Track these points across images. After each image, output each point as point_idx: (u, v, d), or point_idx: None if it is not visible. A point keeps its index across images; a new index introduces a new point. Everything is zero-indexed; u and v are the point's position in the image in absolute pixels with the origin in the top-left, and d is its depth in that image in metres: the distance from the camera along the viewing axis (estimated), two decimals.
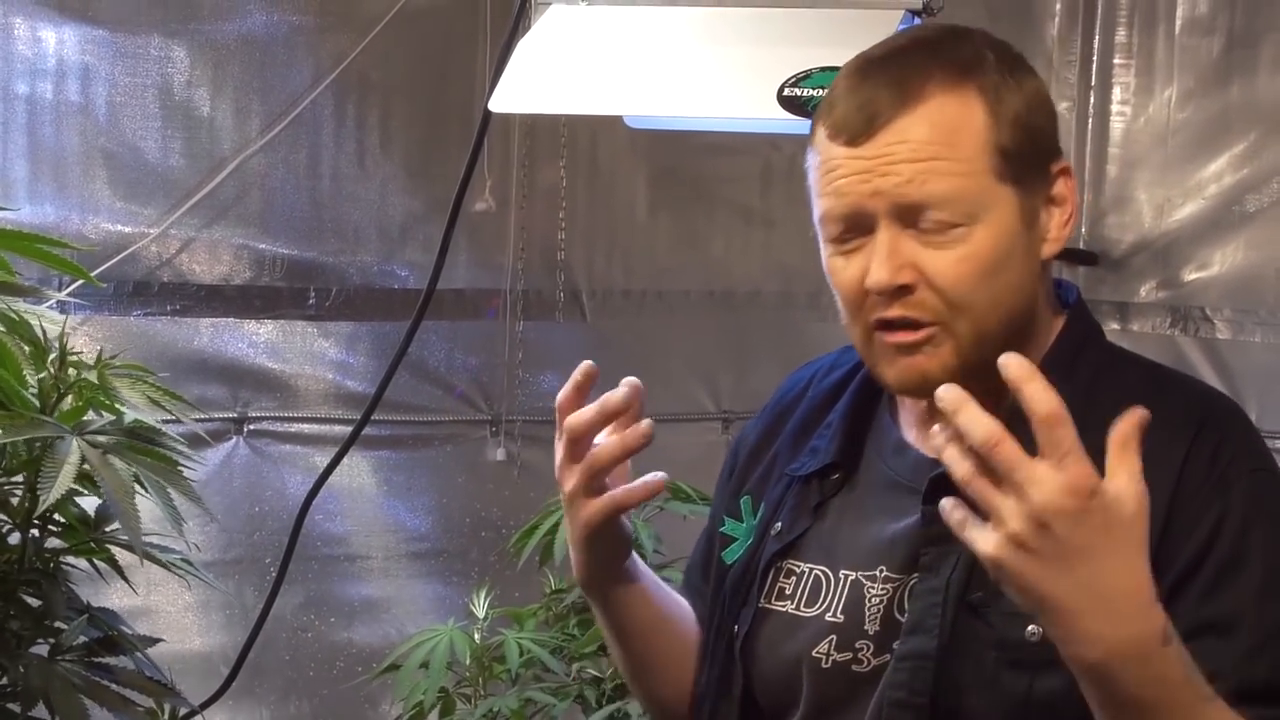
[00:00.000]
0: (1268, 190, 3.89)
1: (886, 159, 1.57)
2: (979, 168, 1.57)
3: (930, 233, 1.57)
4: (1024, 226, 1.60)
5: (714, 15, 2.47)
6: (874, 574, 1.65)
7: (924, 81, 1.58)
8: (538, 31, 2.49)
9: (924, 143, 1.56)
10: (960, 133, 1.57)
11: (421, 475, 4.00)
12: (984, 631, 1.57)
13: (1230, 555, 1.52)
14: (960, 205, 1.56)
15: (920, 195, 1.56)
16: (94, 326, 3.62)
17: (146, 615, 3.54)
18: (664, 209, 4.13)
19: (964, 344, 1.59)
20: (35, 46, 3.58)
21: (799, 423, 1.82)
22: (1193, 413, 1.60)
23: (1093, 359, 1.67)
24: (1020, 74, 1.62)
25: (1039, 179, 1.62)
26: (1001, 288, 1.59)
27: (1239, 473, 1.56)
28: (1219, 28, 3.97)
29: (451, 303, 3.91)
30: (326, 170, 3.85)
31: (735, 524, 1.83)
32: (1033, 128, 1.61)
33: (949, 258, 1.57)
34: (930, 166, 1.56)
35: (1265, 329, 3.91)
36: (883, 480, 1.71)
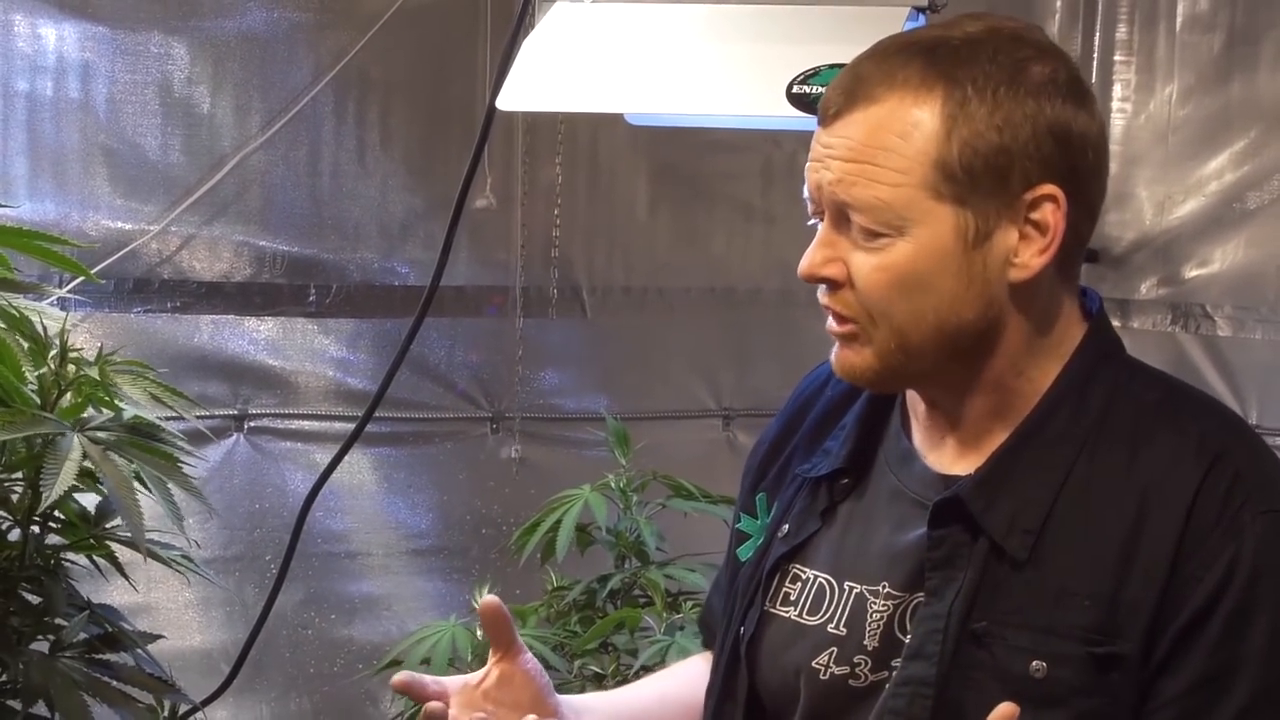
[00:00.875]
0: (1268, 187, 3.89)
1: (831, 150, 1.56)
2: (912, 181, 1.53)
3: (859, 235, 1.56)
4: (964, 247, 1.54)
5: (719, 12, 2.46)
6: (877, 589, 1.63)
7: (892, 77, 1.55)
8: (543, 29, 2.49)
9: (859, 145, 1.54)
10: (903, 138, 1.53)
11: (423, 472, 4.00)
12: (987, 661, 1.55)
13: (1237, 607, 1.50)
14: (881, 215, 1.54)
15: (844, 197, 1.55)
16: (94, 323, 3.62)
17: (147, 612, 3.54)
18: (665, 206, 4.13)
19: (883, 350, 1.58)
20: (35, 43, 3.58)
21: (815, 422, 1.79)
22: (1208, 444, 1.55)
23: (1108, 379, 1.62)
24: (1015, 90, 1.54)
25: (999, 202, 1.54)
26: (926, 305, 1.55)
27: (1253, 515, 1.52)
28: (1220, 25, 3.97)
29: (452, 300, 3.91)
30: (327, 167, 3.84)
31: (750, 521, 1.81)
32: (1001, 149, 1.53)
33: (868, 264, 1.56)
34: (859, 170, 1.54)
35: (1266, 326, 3.90)
36: (889, 490, 1.68)
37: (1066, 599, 1.53)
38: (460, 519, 4.00)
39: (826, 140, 1.57)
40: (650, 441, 3.30)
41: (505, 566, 3.48)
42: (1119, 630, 1.51)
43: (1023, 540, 1.55)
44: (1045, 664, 1.52)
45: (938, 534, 1.59)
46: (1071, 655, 1.52)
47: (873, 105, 1.54)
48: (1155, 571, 1.51)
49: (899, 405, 1.73)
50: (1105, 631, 1.51)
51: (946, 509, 1.59)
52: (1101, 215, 4.48)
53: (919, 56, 1.56)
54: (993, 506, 1.57)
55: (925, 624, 1.57)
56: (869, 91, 1.55)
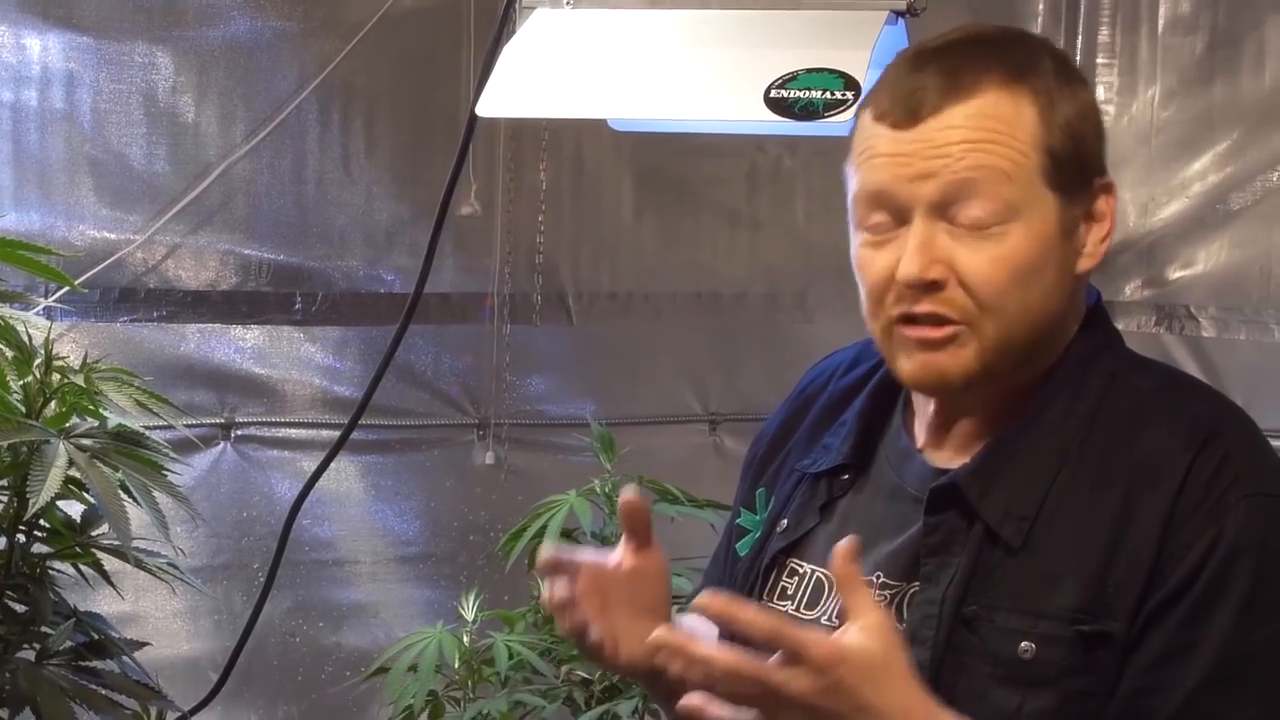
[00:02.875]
0: (1251, 188, 3.90)
1: (932, 144, 1.55)
2: (1028, 165, 1.56)
3: (967, 229, 1.55)
4: (1063, 236, 1.58)
5: (698, 18, 2.47)
6: (870, 580, 1.64)
7: (979, 75, 1.57)
8: (523, 35, 2.49)
9: (976, 128, 1.55)
10: (1015, 126, 1.56)
11: (409, 479, 4.00)
12: (977, 645, 1.56)
13: (1209, 586, 1.51)
14: (1005, 196, 1.54)
15: (971, 172, 1.54)
16: (80, 333, 3.62)
17: (135, 620, 3.54)
18: (650, 211, 4.13)
19: (987, 347, 1.58)
20: (19, 53, 3.58)
21: (816, 418, 1.80)
22: (1199, 427, 1.57)
23: (1105, 368, 1.64)
24: (1075, 84, 1.61)
25: (1082, 191, 1.60)
26: (1033, 296, 1.58)
27: (1237, 497, 1.53)
28: (1202, 26, 3.99)
29: (438, 307, 3.91)
30: (312, 175, 3.84)
31: (750, 516, 1.82)
32: (1081, 138, 1.59)
33: (983, 256, 1.55)
34: (984, 148, 1.55)
35: (1250, 327, 3.91)
36: (889, 486, 1.70)
37: (1055, 582, 1.55)
38: (447, 525, 4.00)
39: (919, 137, 1.56)
40: (636, 446, 3.30)
41: (492, 572, 3.48)
42: (1107, 610, 1.53)
43: (1018, 527, 1.57)
44: (1034, 645, 1.53)
45: (933, 520, 1.60)
46: (1059, 636, 1.53)
47: (974, 97, 1.56)
48: (1142, 552, 1.53)
49: (902, 402, 1.74)
50: (1093, 611, 1.53)
51: (943, 496, 1.61)
52: None
53: (986, 53, 1.59)
54: (989, 493, 1.59)
55: (921, 609, 1.59)
56: (960, 87, 1.56)
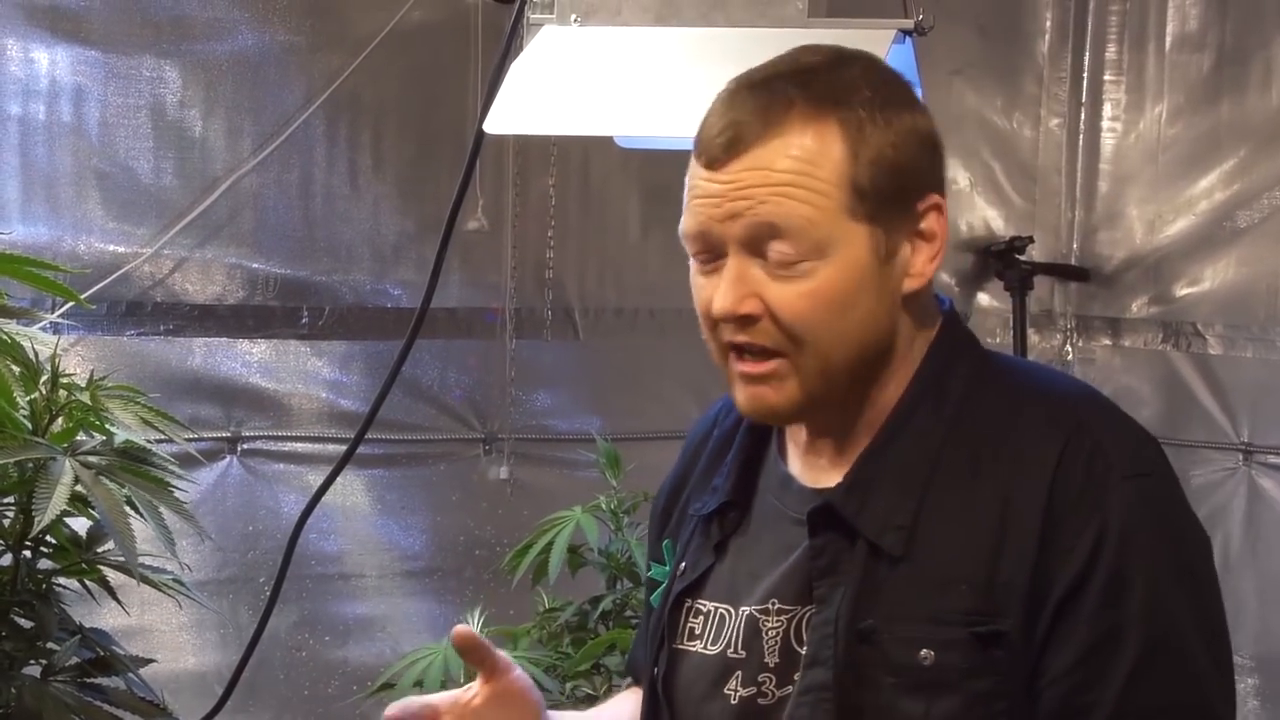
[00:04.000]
0: (1258, 206, 3.91)
1: (739, 185, 1.56)
2: (831, 203, 1.56)
3: (777, 266, 1.56)
4: (877, 264, 1.58)
5: (706, 35, 2.47)
6: (766, 607, 1.66)
7: (786, 111, 1.57)
8: (531, 52, 2.49)
9: (779, 170, 1.55)
10: (816, 165, 1.56)
11: (415, 494, 4.00)
12: (877, 658, 1.57)
13: (1111, 574, 1.52)
14: (808, 237, 1.55)
15: (771, 217, 1.55)
16: (87, 347, 3.63)
17: (141, 635, 3.54)
18: (656, 227, 4.14)
19: (808, 377, 1.59)
20: (28, 67, 3.59)
21: (706, 463, 1.82)
22: (1060, 421, 1.58)
23: (963, 374, 1.65)
24: (894, 110, 1.59)
25: (901, 216, 1.59)
26: (849, 324, 1.58)
27: (1115, 480, 1.55)
28: (1209, 44, 3.99)
29: (445, 322, 3.92)
30: (319, 190, 3.85)
31: (659, 568, 1.83)
32: (898, 167, 1.58)
33: (792, 292, 1.56)
34: (784, 192, 1.55)
35: (1256, 344, 3.92)
36: (772, 514, 1.71)
37: (946, 586, 1.55)
38: (453, 540, 4.00)
39: (726, 177, 1.57)
40: (642, 462, 3.30)
41: (498, 588, 3.48)
42: (998, 609, 1.54)
43: (897, 536, 1.58)
44: (932, 651, 1.54)
45: (817, 543, 1.61)
46: (956, 640, 1.54)
47: (774, 138, 1.56)
48: (1026, 546, 1.54)
49: (775, 434, 1.75)
50: (985, 611, 1.54)
51: (821, 517, 1.61)
52: (1092, 234, 4.50)
53: (796, 89, 1.58)
54: (865, 508, 1.60)
55: (818, 630, 1.60)
56: (765, 126, 1.57)
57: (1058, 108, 4.24)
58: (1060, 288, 4.25)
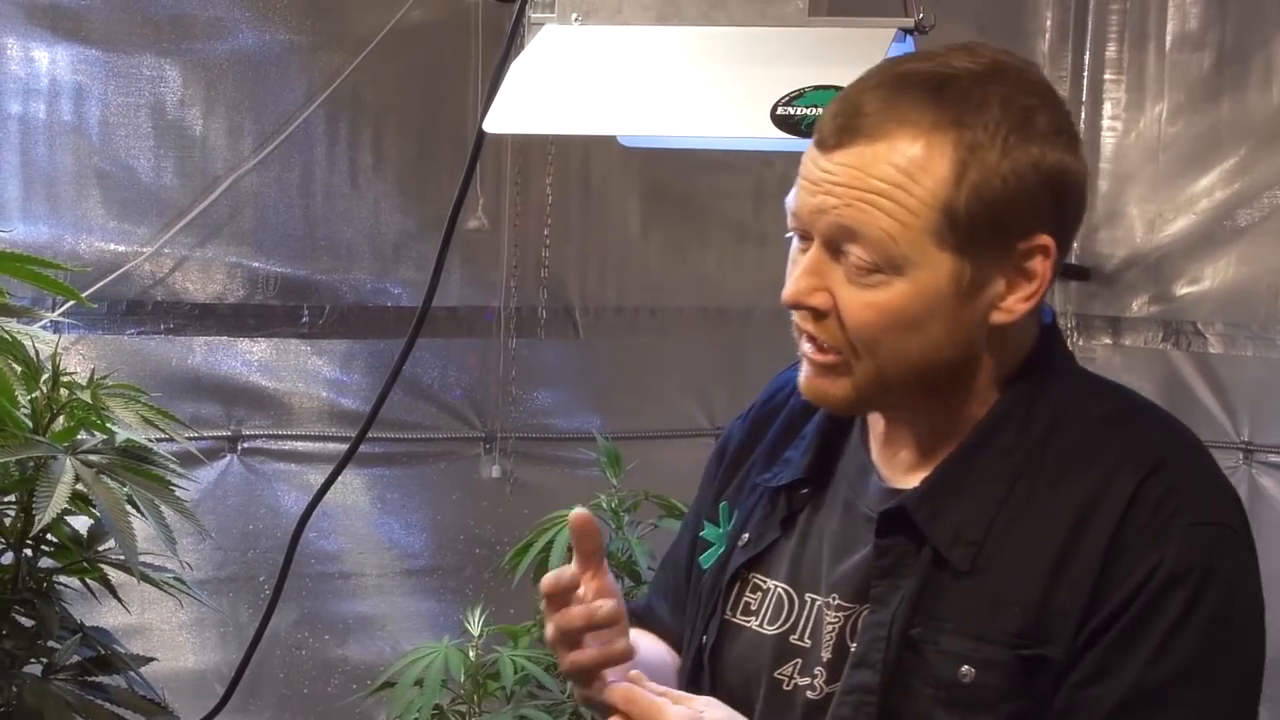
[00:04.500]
0: (1258, 205, 3.91)
1: (834, 179, 1.54)
2: (919, 222, 1.52)
3: (853, 270, 1.54)
4: (957, 294, 1.54)
5: (707, 34, 2.47)
6: (829, 601, 1.65)
7: (904, 116, 1.53)
8: (531, 51, 2.49)
9: (873, 178, 1.52)
10: (915, 180, 1.51)
11: (415, 492, 4.00)
12: (921, 668, 1.57)
13: (1144, 610, 1.51)
14: (885, 251, 1.52)
15: (849, 224, 1.53)
16: (87, 346, 3.63)
17: (141, 633, 3.54)
18: (656, 226, 4.14)
19: (862, 384, 1.58)
20: (28, 66, 3.59)
21: (778, 431, 1.80)
22: (1146, 455, 1.57)
23: (1055, 395, 1.63)
24: (1021, 139, 1.53)
25: (997, 252, 1.54)
26: (911, 345, 1.56)
27: (1179, 525, 1.53)
28: (1209, 43, 3.99)
29: (445, 320, 3.91)
30: (319, 189, 3.85)
31: (713, 529, 1.81)
32: (1003, 200, 1.52)
33: (860, 299, 1.54)
34: (872, 201, 1.52)
35: (1257, 343, 3.92)
36: (844, 503, 1.70)
37: (1000, 607, 1.55)
38: (453, 539, 4.00)
39: (828, 166, 1.55)
40: (643, 461, 3.31)
41: (498, 586, 3.48)
42: (1048, 635, 1.53)
43: (965, 551, 1.57)
44: (973, 669, 1.54)
45: (884, 543, 1.61)
46: (999, 660, 1.54)
47: (880, 140, 1.52)
48: (1084, 578, 1.53)
49: (860, 418, 1.73)
50: (1034, 636, 1.53)
51: (893, 519, 1.60)
52: (1093, 233, 4.49)
53: (927, 94, 1.53)
54: (937, 517, 1.59)
55: (869, 631, 1.59)
56: (877, 125, 1.53)
57: None
58: (1060, 287, 4.25)
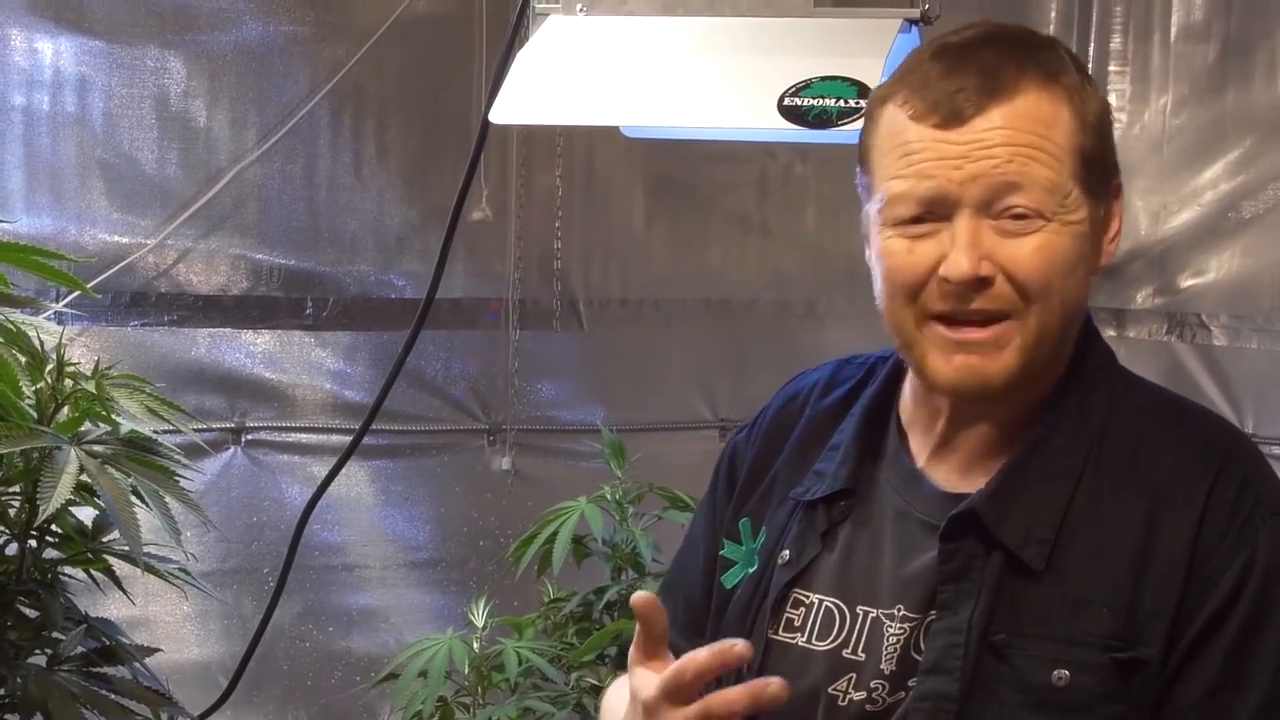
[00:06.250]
0: (1263, 197, 3.90)
1: (981, 144, 1.55)
2: (1065, 168, 1.56)
3: (1010, 223, 1.55)
4: (1093, 235, 1.60)
5: (712, 25, 2.47)
6: (892, 613, 1.62)
7: (1017, 76, 1.57)
8: (536, 42, 2.49)
9: (1022, 130, 1.55)
10: (1053, 129, 1.56)
11: (419, 484, 4.00)
12: (1007, 674, 1.55)
13: (1252, 612, 1.51)
14: (1050, 195, 1.55)
15: (1017, 176, 1.55)
16: (91, 337, 3.63)
17: (145, 625, 3.54)
18: (661, 217, 4.13)
19: (1029, 342, 1.57)
20: (31, 58, 3.59)
21: (799, 443, 1.77)
22: (1213, 449, 1.58)
23: (1105, 391, 1.64)
24: (1092, 84, 1.62)
25: (1105, 191, 1.62)
26: (1070, 290, 1.58)
27: (1263, 518, 1.54)
28: (1214, 34, 3.98)
29: (449, 312, 3.91)
30: (323, 180, 3.85)
31: (734, 547, 1.78)
32: (1105, 137, 1.61)
33: (1027, 248, 1.55)
34: (1028, 153, 1.55)
35: (1262, 335, 3.91)
36: (895, 511, 1.67)
37: (1084, 607, 1.54)
38: (457, 531, 4.00)
39: (966, 137, 1.56)
40: (647, 453, 3.30)
41: (502, 578, 3.48)
42: (1139, 636, 1.52)
43: (1039, 550, 1.56)
44: (1068, 672, 1.52)
45: (950, 547, 1.58)
46: (1094, 663, 1.52)
47: (1017, 96, 1.56)
48: (1172, 577, 1.52)
49: (894, 425, 1.72)
50: (1126, 638, 1.52)
51: (960, 522, 1.59)
52: None
53: (1022, 51, 1.59)
54: (1007, 518, 1.57)
55: (942, 638, 1.57)
56: (1009, 84, 1.57)
57: None
58: None
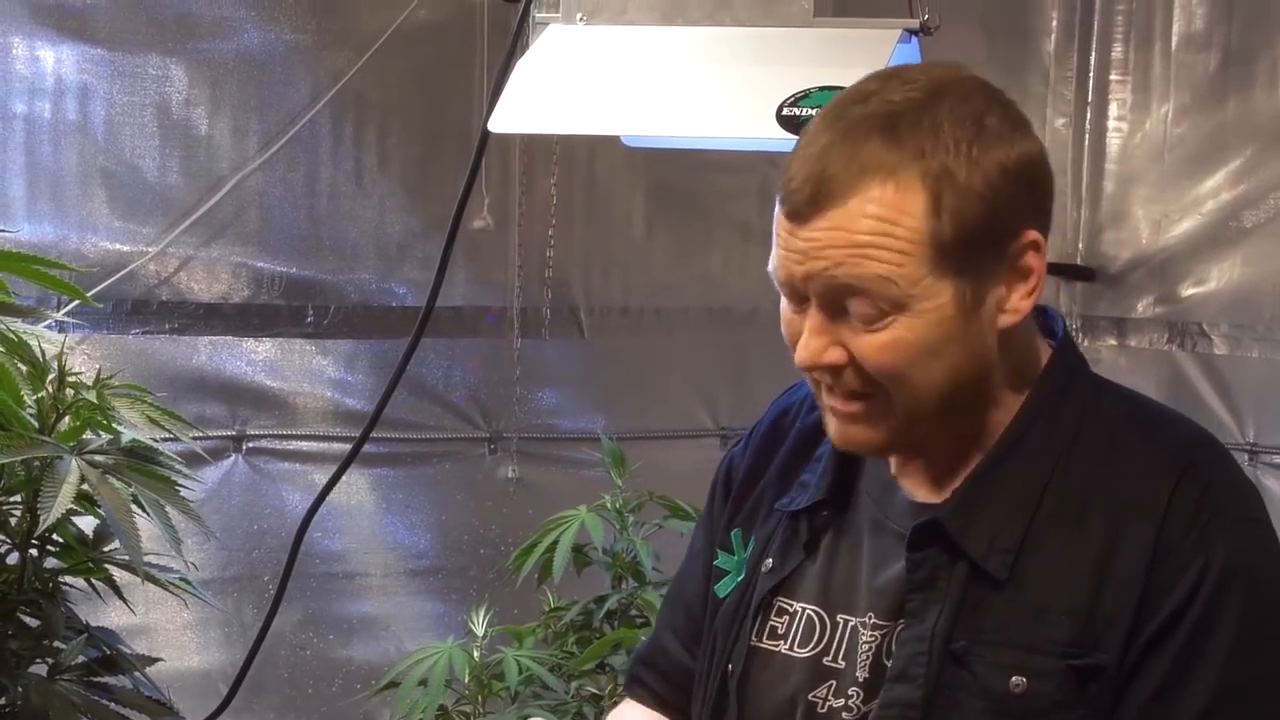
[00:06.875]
0: (1264, 206, 3.90)
1: (819, 244, 1.53)
2: (912, 260, 1.51)
3: (860, 322, 1.54)
4: (964, 313, 1.54)
5: (712, 35, 2.47)
6: (865, 620, 1.64)
7: (865, 166, 1.52)
8: (536, 51, 2.49)
9: (858, 232, 1.51)
10: (896, 224, 1.51)
11: (420, 492, 4.00)
12: (968, 681, 1.56)
13: (1204, 614, 1.52)
14: (887, 296, 1.52)
15: (848, 279, 1.52)
16: (92, 345, 3.63)
17: (145, 633, 3.54)
18: (662, 226, 4.14)
19: (894, 423, 1.58)
20: (33, 66, 3.59)
21: (787, 456, 1.79)
22: (1177, 457, 1.58)
23: (1076, 401, 1.64)
24: (983, 149, 1.53)
25: (992, 262, 1.55)
26: (933, 372, 1.55)
27: (1223, 524, 1.54)
28: (1215, 44, 3.99)
29: (450, 320, 3.92)
30: (324, 188, 3.85)
31: (727, 557, 1.80)
32: (986, 212, 1.53)
33: (874, 344, 1.54)
34: (863, 254, 1.51)
35: (1262, 344, 3.91)
36: (871, 521, 1.69)
37: (1044, 615, 1.54)
38: (458, 539, 4.00)
39: (809, 235, 1.54)
40: (648, 461, 3.30)
41: (503, 587, 3.48)
42: (1097, 643, 1.53)
43: (1002, 559, 1.57)
44: (1025, 680, 1.53)
45: (916, 557, 1.60)
46: (1051, 670, 1.53)
47: (852, 197, 1.52)
48: (1130, 583, 1.53)
49: None
50: (1084, 645, 1.53)
51: (925, 533, 1.60)
52: (1098, 234, 4.48)
53: (881, 136, 1.53)
54: (971, 528, 1.58)
55: (908, 646, 1.59)
56: (844, 184, 1.52)
57: (1063, 107, 4.24)
58: (1066, 287, 4.25)
